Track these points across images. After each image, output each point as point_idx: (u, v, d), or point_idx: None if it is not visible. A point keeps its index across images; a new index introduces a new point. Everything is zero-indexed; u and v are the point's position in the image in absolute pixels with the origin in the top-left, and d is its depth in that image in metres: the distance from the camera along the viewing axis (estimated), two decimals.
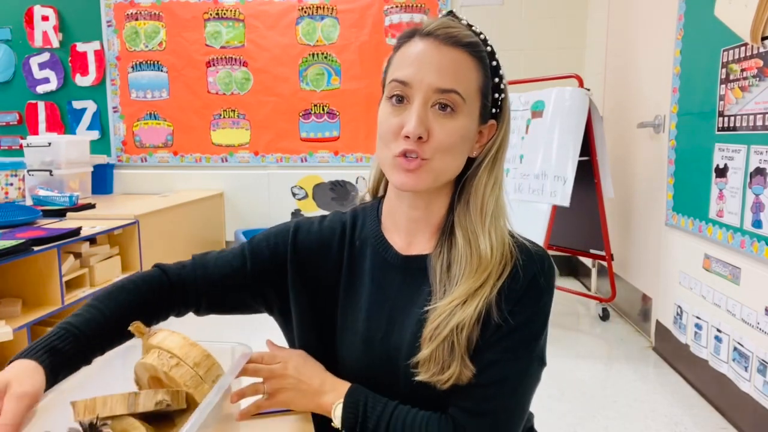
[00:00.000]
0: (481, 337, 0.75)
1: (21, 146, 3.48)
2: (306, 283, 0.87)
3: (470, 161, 0.81)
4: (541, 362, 0.79)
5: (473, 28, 0.79)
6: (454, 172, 0.79)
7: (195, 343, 0.71)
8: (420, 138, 0.73)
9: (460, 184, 0.82)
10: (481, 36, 0.79)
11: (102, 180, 3.91)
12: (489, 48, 0.79)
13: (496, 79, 0.80)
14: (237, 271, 0.86)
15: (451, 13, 0.80)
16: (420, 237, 0.84)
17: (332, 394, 0.79)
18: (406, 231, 0.84)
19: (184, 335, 0.74)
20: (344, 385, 0.80)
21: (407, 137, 0.74)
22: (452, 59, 0.75)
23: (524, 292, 0.77)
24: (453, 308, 0.74)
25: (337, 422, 0.77)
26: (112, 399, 0.66)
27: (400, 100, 0.76)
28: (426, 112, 0.74)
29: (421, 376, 0.75)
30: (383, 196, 0.89)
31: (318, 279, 0.87)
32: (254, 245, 0.89)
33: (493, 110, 0.81)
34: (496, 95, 0.80)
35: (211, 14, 3.90)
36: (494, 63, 0.79)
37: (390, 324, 0.82)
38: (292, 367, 0.79)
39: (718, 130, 2.02)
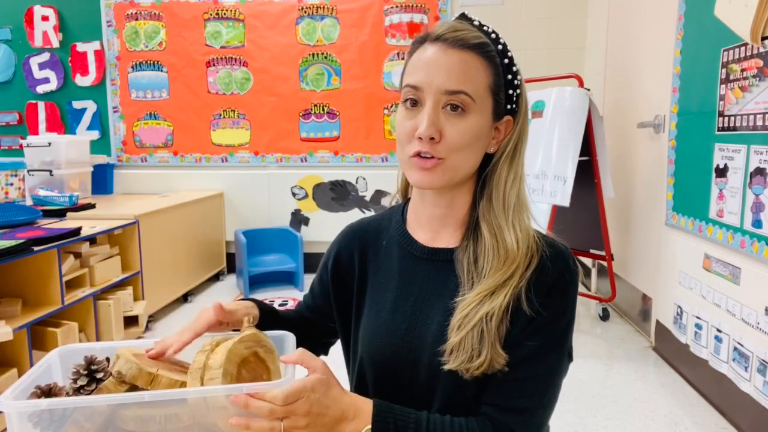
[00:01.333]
0: (512, 329, 0.77)
1: (21, 146, 3.48)
2: (344, 294, 0.94)
3: (490, 157, 0.84)
4: (570, 357, 0.82)
5: (485, 27, 0.82)
6: (470, 168, 0.82)
7: (225, 351, 0.70)
8: (432, 139, 0.76)
9: (481, 180, 0.84)
10: (492, 35, 0.81)
11: (102, 180, 3.92)
12: (500, 46, 0.81)
13: (509, 76, 0.82)
14: (309, 310, 1.01)
15: (463, 15, 0.83)
16: (444, 232, 0.86)
17: (355, 422, 0.73)
18: (429, 227, 0.87)
19: (246, 341, 0.74)
20: (366, 406, 0.74)
21: (420, 138, 0.77)
22: (460, 61, 0.77)
23: (553, 286, 0.79)
24: (482, 299, 0.77)
25: None
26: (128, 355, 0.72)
27: (414, 103, 0.79)
28: (437, 114, 0.77)
29: (450, 365, 0.76)
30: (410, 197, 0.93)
31: (351, 287, 0.93)
32: (312, 286, 1.01)
33: (509, 106, 0.83)
34: (510, 91, 0.82)
35: (211, 14, 3.90)
36: (506, 60, 0.82)
37: (415, 314, 0.84)
38: (311, 402, 0.70)
39: (718, 130, 2.02)
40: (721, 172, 1.99)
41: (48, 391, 0.67)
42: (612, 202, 3.05)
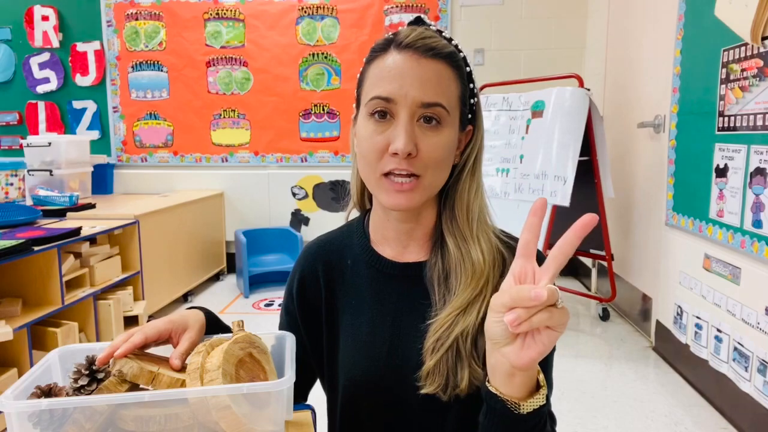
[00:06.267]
0: None
1: (21, 146, 3.48)
2: (314, 321, 0.87)
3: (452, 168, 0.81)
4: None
5: (444, 34, 0.78)
6: (442, 184, 0.79)
7: (221, 353, 0.71)
8: (409, 154, 0.72)
9: (445, 192, 0.81)
10: (453, 42, 0.78)
11: (102, 180, 3.92)
12: (462, 54, 0.78)
13: (471, 85, 0.79)
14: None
15: (420, 20, 0.78)
16: (412, 245, 0.83)
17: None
18: (397, 242, 0.83)
19: (240, 342, 0.73)
20: None
21: (395, 154, 0.72)
22: (434, 71, 0.73)
23: None
24: (454, 318, 0.74)
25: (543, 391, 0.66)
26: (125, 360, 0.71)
27: (383, 115, 0.74)
28: (413, 127, 0.73)
29: (426, 389, 0.74)
30: (369, 210, 0.89)
31: (320, 311, 0.87)
32: (280, 322, 0.92)
33: (469, 116, 0.81)
34: (472, 100, 0.80)
35: (211, 14, 3.90)
36: (468, 69, 0.79)
37: (395, 336, 0.81)
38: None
39: (718, 130, 2.02)
40: (721, 172, 1.99)
41: (48, 391, 0.67)
42: (612, 202, 3.05)
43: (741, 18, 1.82)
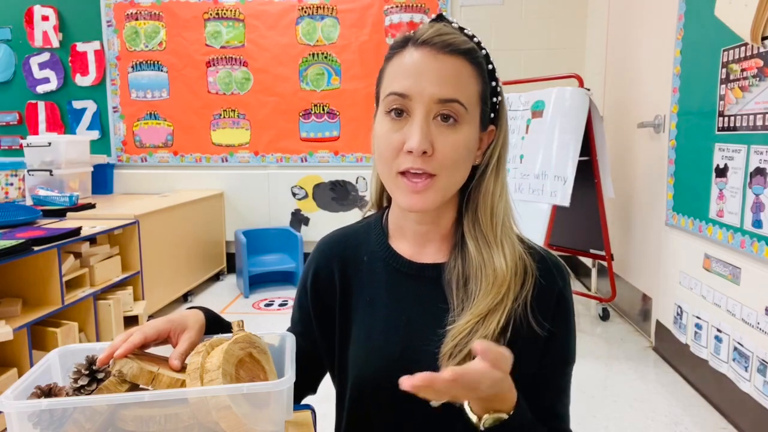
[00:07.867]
0: (522, 355, 0.70)
1: (21, 146, 3.49)
2: (327, 316, 0.87)
3: (473, 169, 0.79)
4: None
5: (465, 31, 0.76)
6: (460, 184, 0.78)
7: (221, 353, 0.71)
8: (425, 153, 0.71)
9: (467, 194, 0.80)
10: (475, 39, 0.77)
11: (102, 180, 3.92)
12: (484, 51, 0.77)
13: (493, 83, 0.78)
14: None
15: (441, 16, 0.78)
16: (430, 246, 0.82)
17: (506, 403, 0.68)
18: (414, 242, 0.83)
19: (240, 342, 0.73)
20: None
21: (410, 152, 0.71)
22: (451, 67, 0.72)
23: (558, 300, 0.78)
24: (473, 325, 0.73)
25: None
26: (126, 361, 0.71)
27: (400, 113, 0.73)
28: (428, 125, 0.72)
29: None
30: (387, 207, 0.88)
31: (333, 308, 0.86)
32: (292, 316, 0.92)
33: (491, 115, 0.79)
34: (494, 99, 0.78)
35: (211, 14, 3.90)
36: (490, 66, 0.77)
37: (408, 336, 0.80)
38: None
39: (718, 130, 2.02)
40: (721, 172, 1.99)
41: (48, 391, 0.67)
42: (612, 202, 3.05)
43: (741, 18, 1.82)
